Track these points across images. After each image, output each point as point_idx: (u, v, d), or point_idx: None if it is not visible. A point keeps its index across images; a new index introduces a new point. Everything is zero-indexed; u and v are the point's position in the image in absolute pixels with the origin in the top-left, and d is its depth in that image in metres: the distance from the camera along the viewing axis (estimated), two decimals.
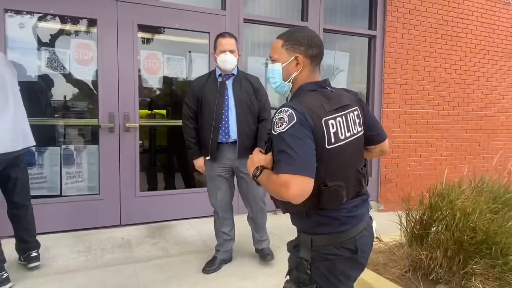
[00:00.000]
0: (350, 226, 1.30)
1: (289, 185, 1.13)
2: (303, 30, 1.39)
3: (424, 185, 4.87)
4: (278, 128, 1.19)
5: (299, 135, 1.17)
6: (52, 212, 3.30)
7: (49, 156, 3.40)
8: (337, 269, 1.29)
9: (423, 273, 2.39)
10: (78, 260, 2.82)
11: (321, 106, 1.25)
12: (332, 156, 1.24)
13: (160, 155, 4.37)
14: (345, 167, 1.29)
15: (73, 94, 3.59)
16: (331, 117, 1.25)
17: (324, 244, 1.28)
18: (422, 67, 4.80)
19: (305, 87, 1.34)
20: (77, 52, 3.40)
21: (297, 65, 1.33)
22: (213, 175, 2.71)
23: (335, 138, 1.24)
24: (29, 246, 2.61)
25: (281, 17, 4.23)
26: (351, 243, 1.30)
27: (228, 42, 2.57)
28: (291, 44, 1.33)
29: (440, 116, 4.98)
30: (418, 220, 2.44)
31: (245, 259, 2.92)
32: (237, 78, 2.67)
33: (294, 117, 1.18)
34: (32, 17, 3.27)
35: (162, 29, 3.75)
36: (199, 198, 3.86)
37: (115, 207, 3.54)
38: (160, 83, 3.86)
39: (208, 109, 2.61)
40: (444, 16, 4.91)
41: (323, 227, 1.29)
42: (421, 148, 4.88)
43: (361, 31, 4.59)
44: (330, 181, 1.23)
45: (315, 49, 1.34)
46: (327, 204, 1.24)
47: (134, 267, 2.73)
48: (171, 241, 3.25)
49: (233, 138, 2.63)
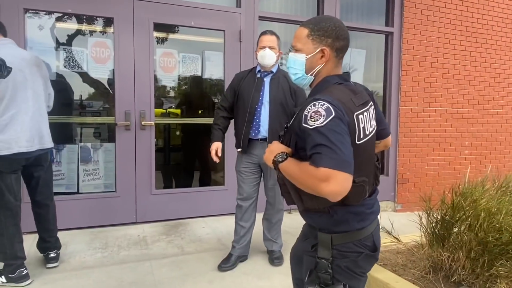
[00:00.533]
0: (369, 222, 1.29)
1: (330, 180, 1.05)
2: (330, 19, 1.29)
3: (442, 185, 4.79)
4: (314, 122, 1.11)
5: (339, 130, 1.10)
6: (69, 209, 3.34)
7: (67, 154, 3.44)
8: (359, 265, 1.27)
9: (444, 275, 2.32)
10: (95, 257, 2.84)
11: (351, 100, 1.20)
12: (361, 152, 1.20)
13: (176, 153, 4.38)
14: (368, 162, 1.27)
15: (89, 93, 3.62)
16: (360, 112, 1.21)
17: (344, 242, 1.26)
18: (441, 64, 4.69)
19: (329, 80, 1.27)
20: (94, 50, 3.43)
21: (322, 58, 1.26)
22: (240, 169, 2.77)
23: (363, 134, 1.21)
24: (49, 246, 2.63)
25: (296, 15, 4.19)
26: (369, 239, 1.28)
27: (268, 38, 2.62)
28: (318, 35, 1.25)
29: (459, 115, 4.86)
30: (439, 220, 2.37)
31: (260, 257, 2.89)
32: (275, 76, 2.69)
33: (332, 112, 1.11)
34: (50, 17, 3.31)
35: (178, 28, 3.76)
36: (214, 196, 3.86)
37: (131, 205, 3.56)
38: (175, 81, 3.87)
39: (243, 103, 2.66)
40: (464, 12, 4.78)
41: (345, 224, 1.25)
42: (440, 147, 4.77)
43: (378, 27, 4.51)
44: (356, 177, 1.16)
45: (342, 41, 1.27)
46: (353, 200, 1.20)
47: (150, 264, 2.74)
48: (186, 239, 3.25)
49: (263, 134, 2.66)
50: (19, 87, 2.34)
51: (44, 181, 2.56)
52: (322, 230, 1.29)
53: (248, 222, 2.80)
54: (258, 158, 2.71)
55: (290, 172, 1.19)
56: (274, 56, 2.61)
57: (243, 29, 3.85)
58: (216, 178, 4.19)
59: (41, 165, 2.52)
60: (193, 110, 4.22)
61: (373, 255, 1.30)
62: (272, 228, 2.85)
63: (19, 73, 2.32)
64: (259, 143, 2.68)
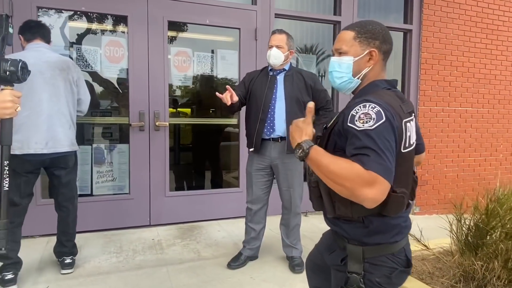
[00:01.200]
0: (403, 236, 1.23)
1: (375, 185, 0.99)
2: (376, 22, 1.26)
3: (461, 187, 4.67)
4: (363, 124, 1.05)
5: (388, 137, 1.05)
6: (83, 211, 3.26)
7: (80, 155, 3.36)
8: (392, 282, 1.20)
9: (477, 285, 2.21)
10: (110, 262, 2.77)
11: (400, 106, 1.15)
12: (403, 161, 1.15)
13: (190, 154, 4.30)
14: (408, 174, 1.21)
15: (103, 93, 3.55)
16: (408, 120, 1.16)
17: (377, 255, 1.19)
18: (461, 62, 4.55)
19: (378, 84, 1.22)
20: (107, 49, 3.36)
21: (369, 60, 1.22)
22: (251, 170, 2.70)
23: (409, 143, 1.16)
24: (65, 251, 2.56)
25: (313, 12, 4.08)
26: (401, 254, 1.22)
27: (275, 38, 2.58)
28: (366, 37, 1.22)
29: (479, 114, 4.71)
30: (472, 227, 2.25)
31: (279, 263, 2.80)
32: (288, 73, 2.63)
33: (383, 116, 1.06)
34: (63, 15, 3.24)
35: (192, 26, 3.66)
36: (229, 198, 3.77)
37: (144, 207, 3.48)
38: (190, 81, 3.77)
39: (255, 102, 2.60)
40: (484, 8, 4.63)
41: (379, 236, 1.18)
42: (459, 148, 4.63)
43: (396, 25, 4.38)
44: (397, 187, 1.11)
45: (389, 45, 1.25)
46: (391, 211, 1.13)
47: (167, 269, 2.65)
48: (202, 243, 3.17)
49: (278, 133, 2.59)
50: (37, 89, 2.30)
51: (64, 183, 2.50)
52: (351, 242, 1.21)
53: (258, 225, 2.75)
54: (270, 160, 2.63)
55: (325, 163, 1.07)
56: (280, 55, 2.55)
57: (259, 27, 3.75)
58: (230, 180, 4.10)
59: (60, 167, 2.47)
60: (208, 110, 4.13)
61: (407, 271, 1.23)
62: (290, 234, 2.76)
63: (39, 75, 2.30)
64: (271, 143, 2.61)
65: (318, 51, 4.27)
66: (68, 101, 2.46)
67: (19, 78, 1.34)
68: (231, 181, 4.07)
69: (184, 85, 3.82)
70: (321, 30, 4.26)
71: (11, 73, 1.30)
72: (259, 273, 2.65)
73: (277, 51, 2.53)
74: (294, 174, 2.64)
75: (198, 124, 4.10)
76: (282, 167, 2.63)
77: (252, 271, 2.67)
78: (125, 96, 3.44)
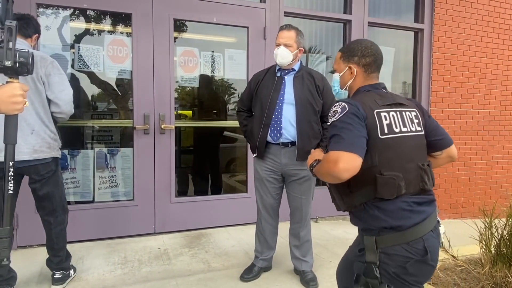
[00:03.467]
0: (412, 221, 1.28)
1: (337, 160, 1.20)
2: (360, 42, 1.50)
3: (473, 191, 4.54)
4: (331, 119, 1.31)
5: (350, 121, 1.26)
6: (84, 219, 3.11)
7: (81, 160, 3.20)
8: (409, 272, 1.25)
9: None
10: (115, 274, 2.60)
11: (374, 100, 1.35)
12: (386, 146, 1.30)
13: (196, 158, 4.13)
14: (402, 160, 1.31)
15: (104, 94, 3.38)
16: (383, 110, 1.33)
17: (391, 245, 1.27)
18: (473, 63, 4.43)
19: (361, 89, 1.45)
20: (110, 49, 3.20)
21: (351, 74, 1.47)
22: (259, 177, 2.52)
23: (389, 129, 1.31)
24: (51, 265, 2.36)
25: (323, 11, 3.95)
26: (419, 243, 1.27)
27: (283, 35, 2.36)
28: (347, 55, 1.48)
29: (491, 116, 4.59)
30: (505, 236, 2.11)
31: (296, 275, 2.63)
32: (298, 74, 2.43)
33: (347, 108, 1.29)
34: (64, 12, 3.08)
35: (199, 24, 3.50)
36: (237, 204, 3.62)
37: (149, 214, 3.32)
38: (196, 82, 3.61)
39: (260, 105, 2.41)
40: (496, 8, 4.52)
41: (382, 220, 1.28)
42: (471, 150, 4.51)
43: (408, 24, 4.26)
44: (386, 171, 1.28)
45: (368, 58, 1.44)
46: (384, 194, 1.27)
47: (176, 283, 2.49)
48: (211, 252, 3.00)
49: (287, 138, 2.39)
50: None
51: (43, 195, 2.24)
52: (367, 233, 1.34)
53: (270, 234, 2.58)
54: (280, 165, 2.43)
55: (318, 169, 1.36)
56: (288, 55, 2.34)
57: (268, 26, 3.61)
58: (238, 185, 3.95)
59: (33, 179, 2.20)
60: (216, 112, 3.97)
61: (425, 261, 1.26)
62: (301, 245, 2.55)
63: None
64: (280, 148, 2.41)
65: (326, 51, 4.12)
66: (32, 102, 2.10)
67: (29, 70, 1.20)
68: (239, 186, 3.91)
69: (191, 86, 3.66)
70: (331, 29, 4.12)
71: (21, 64, 1.16)
72: (274, 285, 2.49)
73: (285, 50, 2.33)
74: (306, 181, 2.46)
75: (204, 127, 3.93)
76: (293, 173, 2.44)
77: (267, 283, 2.51)
78: (129, 97, 3.28)
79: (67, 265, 2.42)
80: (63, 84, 2.22)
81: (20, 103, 1.15)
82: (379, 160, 1.28)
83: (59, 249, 2.34)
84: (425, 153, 1.42)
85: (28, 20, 2.25)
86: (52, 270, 2.37)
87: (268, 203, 2.53)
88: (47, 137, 2.19)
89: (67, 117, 2.30)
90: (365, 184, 1.28)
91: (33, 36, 2.28)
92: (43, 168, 2.20)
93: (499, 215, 2.23)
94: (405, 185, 1.28)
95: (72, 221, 2.68)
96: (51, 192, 2.27)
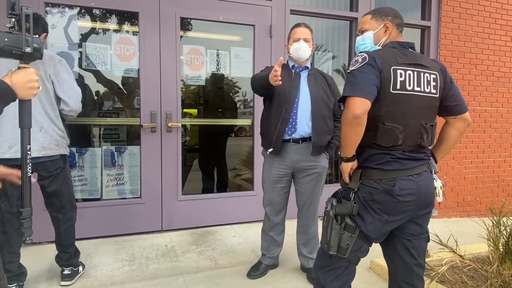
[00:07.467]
0: (391, 168, 1.45)
1: (350, 104, 1.37)
2: (385, 7, 1.67)
3: (481, 189, 4.51)
4: (351, 67, 1.45)
5: (366, 70, 1.40)
6: (92, 216, 3.14)
7: (89, 158, 3.23)
8: (374, 199, 1.45)
9: None
10: (123, 270, 2.62)
11: (395, 58, 1.46)
12: (395, 101, 1.43)
13: (203, 156, 4.15)
14: (406, 116, 1.45)
15: (111, 93, 3.40)
16: (401, 68, 1.44)
17: (367, 178, 1.48)
18: (480, 60, 4.40)
19: (388, 44, 1.57)
20: (118, 47, 3.21)
21: (385, 31, 1.60)
22: (269, 175, 2.50)
23: (401, 86, 1.44)
24: (60, 261, 2.39)
25: (329, 8, 3.94)
26: (391, 182, 1.44)
27: (303, 31, 2.41)
28: (380, 15, 1.62)
29: (499, 114, 4.56)
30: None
31: (302, 272, 2.64)
32: (311, 72, 2.46)
33: (366, 59, 1.42)
34: (72, 11, 3.10)
35: (205, 22, 3.51)
36: (243, 202, 3.63)
37: (156, 212, 3.34)
38: (202, 80, 3.62)
39: (278, 99, 2.38)
40: (504, 4, 4.48)
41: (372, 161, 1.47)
42: (478, 148, 4.48)
43: (414, 21, 4.23)
44: (388, 122, 1.44)
45: (399, 19, 1.62)
46: (382, 141, 1.45)
47: (184, 279, 2.51)
48: (218, 249, 3.02)
49: (300, 134, 2.39)
50: None
51: (52, 192, 2.27)
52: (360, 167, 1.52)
53: (277, 232, 2.59)
54: (291, 163, 2.42)
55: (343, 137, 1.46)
56: (309, 49, 2.39)
57: (274, 24, 3.61)
58: (244, 183, 3.96)
59: (40, 175, 2.21)
60: (221, 111, 3.98)
61: (390, 194, 1.43)
62: (308, 243, 2.57)
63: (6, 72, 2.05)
64: (291, 144, 2.40)
65: (331, 49, 4.12)
66: (40, 100, 2.14)
67: (41, 55, 1.24)
68: (245, 183, 3.93)
69: (197, 84, 3.67)
70: (337, 27, 4.11)
71: (35, 50, 1.21)
72: (281, 283, 2.50)
73: (306, 44, 2.38)
74: (316, 177, 2.47)
75: (211, 125, 3.94)
76: (305, 169, 2.44)
77: (274, 280, 2.53)
78: (135, 96, 3.30)
79: (76, 262, 2.45)
80: (70, 83, 2.25)
81: (36, 88, 1.19)
82: (385, 111, 1.43)
83: (68, 245, 2.37)
84: (434, 115, 1.55)
85: (36, 19, 2.26)
86: (61, 266, 2.39)
87: (276, 201, 2.53)
88: (55, 134, 2.22)
89: (75, 115, 2.33)
90: (368, 130, 1.42)
91: (41, 35, 2.29)
92: (51, 165, 2.22)
93: (507, 213, 2.22)
94: (403, 138, 1.44)
95: (80, 219, 2.70)
96: (59, 189, 2.29)
